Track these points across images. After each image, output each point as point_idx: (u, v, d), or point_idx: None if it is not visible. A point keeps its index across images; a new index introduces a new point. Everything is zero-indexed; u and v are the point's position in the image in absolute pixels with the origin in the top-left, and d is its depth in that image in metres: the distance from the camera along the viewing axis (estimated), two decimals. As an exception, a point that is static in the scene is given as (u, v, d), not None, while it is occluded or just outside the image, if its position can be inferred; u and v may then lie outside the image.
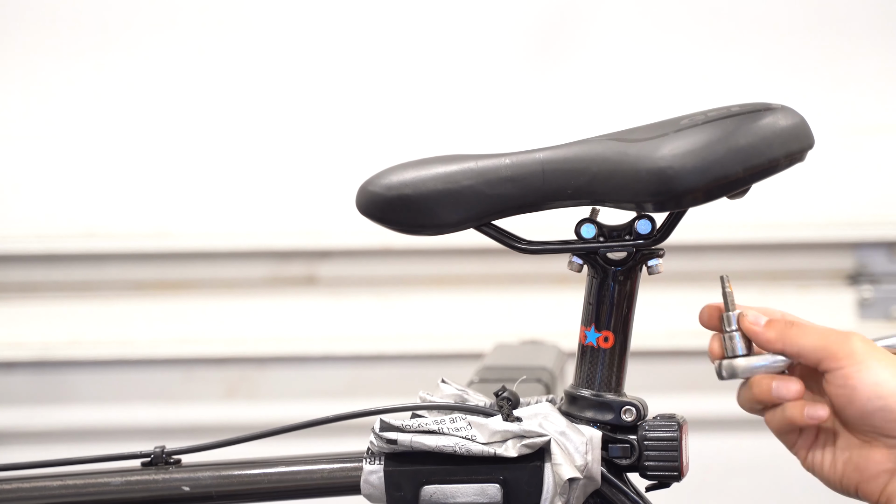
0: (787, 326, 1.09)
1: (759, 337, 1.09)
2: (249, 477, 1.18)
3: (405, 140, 2.36)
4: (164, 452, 1.19)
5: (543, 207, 1.10)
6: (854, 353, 1.06)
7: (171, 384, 2.40)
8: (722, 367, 1.11)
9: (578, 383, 1.14)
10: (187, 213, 2.37)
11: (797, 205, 2.31)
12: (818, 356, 1.07)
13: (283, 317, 2.38)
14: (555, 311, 2.35)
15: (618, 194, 1.07)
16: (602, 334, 1.13)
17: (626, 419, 1.12)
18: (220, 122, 2.38)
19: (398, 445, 1.11)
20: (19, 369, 2.40)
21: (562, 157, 1.08)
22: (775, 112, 1.07)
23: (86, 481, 1.19)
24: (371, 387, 2.39)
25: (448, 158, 1.11)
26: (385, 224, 1.12)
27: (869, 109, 2.34)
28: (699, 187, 1.05)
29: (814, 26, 2.34)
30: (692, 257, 2.31)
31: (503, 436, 1.10)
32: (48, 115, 2.38)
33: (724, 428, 2.30)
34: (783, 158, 1.06)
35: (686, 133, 1.06)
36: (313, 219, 2.36)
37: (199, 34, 2.38)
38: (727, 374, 1.11)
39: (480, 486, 1.11)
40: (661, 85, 2.35)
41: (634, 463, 1.12)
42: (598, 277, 1.12)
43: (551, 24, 2.36)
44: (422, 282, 2.38)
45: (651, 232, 1.10)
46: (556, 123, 2.36)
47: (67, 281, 2.39)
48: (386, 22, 2.37)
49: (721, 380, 1.12)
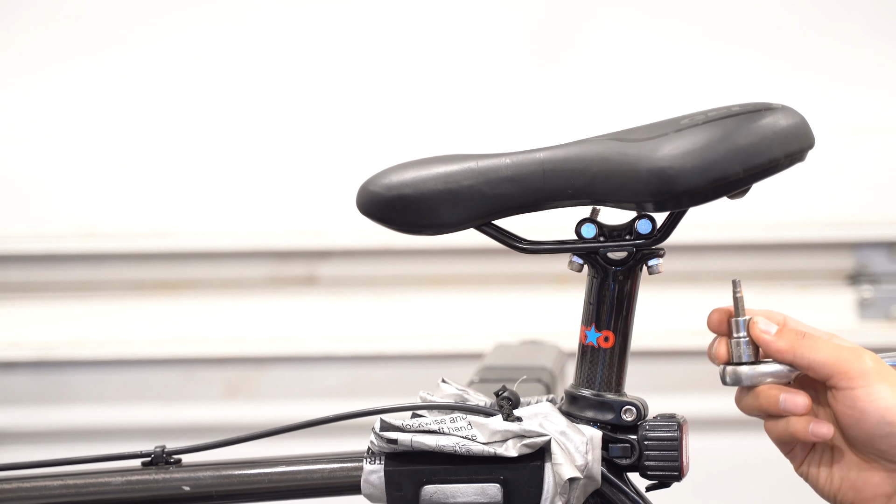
0: (798, 337, 1.08)
1: (769, 346, 1.08)
2: (250, 477, 1.18)
3: (405, 140, 2.36)
4: (164, 452, 1.19)
5: (544, 207, 1.10)
6: (865, 373, 1.05)
7: (171, 384, 2.40)
8: (727, 373, 1.10)
9: (579, 383, 1.14)
10: (187, 213, 2.37)
11: (797, 205, 2.31)
12: (829, 372, 1.06)
13: (283, 317, 2.38)
14: (555, 311, 2.35)
15: (618, 194, 1.07)
16: (602, 334, 1.13)
17: (626, 419, 1.12)
18: (220, 122, 2.38)
19: (398, 445, 1.11)
20: (19, 369, 2.40)
21: (562, 157, 1.08)
22: (776, 112, 1.07)
23: (86, 481, 1.19)
24: (371, 387, 2.39)
25: (448, 158, 1.11)
26: (385, 224, 1.12)
27: (869, 109, 2.34)
28: (699, 187, 1.05)
29: (814, 26, 2.34)
30: (692, 257, 2.31)
31: (503, 435, 1.10)
32: (48, 114, 2.38)
33: (724, 428, 2.30)
34: (783, 158, 1.06)
35: (686, 133, 1.06)
36: (313, 219, 2.36)
37: (199, 34, 2.38)
38: (732, 380, 1.10)
39: (481, 485, 1.10)
40: (662, 84, 2.35)
41: (635, 463, 1.12)
42: (599, 277, 1.12)
43: (551, 23, 2.36)
44: (422, 282, 2.38)
45: (651, 232, 1.10)
46: (557, 123, 2.36)
47: (67, 281, 2.39)
48: (386, 22, 2.37)
49: (724, 385, 1.11)
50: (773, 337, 1.08)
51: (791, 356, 1.08)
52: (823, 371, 1.06)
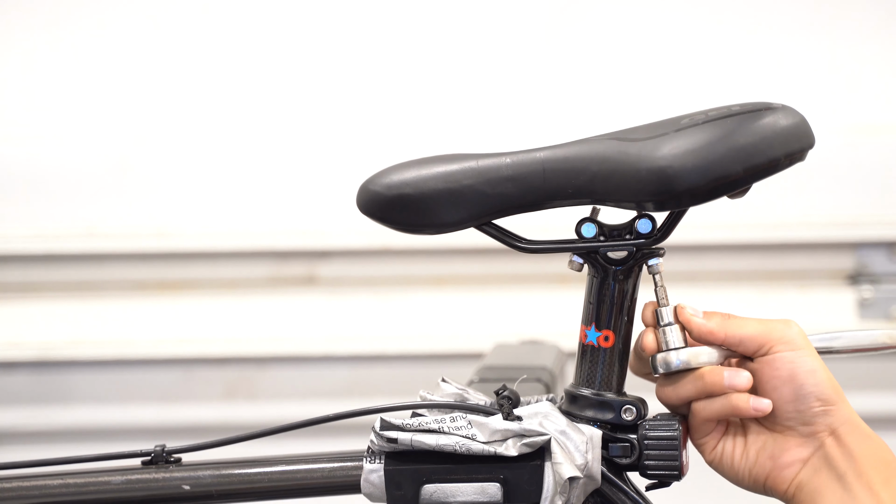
0: (724, 317, 1.11)
1: (701, 328, 1.11)
2: (250, 476, 1.18)
3: (406, 139, 2.36)
4: (164, 451, 1.19)
5: (544, 207, 1.10)
6: (794, 338, 1.09)
7: (171, 384, 2.40)
8: (658, 362, 1.12)
9: (579, 382, 1.14)
10: (187, 213, 2.37)
11: (797, 205, 2.31)
12: (760, 342, 1.10)
13: (283, 317, 2.38)
14: (555, 311, 2.35)
15: (618, 194, 1.07)
16: (602, 333, 1.13)
17: (626, 418, 1.12)
18: (220, 122, 2.38)
19: (398, 444, 1.11)
20: (19, 369, 2.40)
21: (562, 157, 1.08)
22: (776, 111, 1.07)
23: (86, 480, 1.19)
24: (371, 387, 2.39)
25: (448, 158, 1.11)
26: (386, 223, 1.12)
27: (869, 109, 2.34)
28: (699, 187, 1.05)
29: (814, 26, 2.34)
30: (692, 257, 2.31)
31: (503, 435, 1.10)
32: (48, 114, 2.38)
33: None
34: (783, 158, 1.07)
35: (686, 133, 1.06)
36: (313, 219, 2.36)
37: (199, 34, 2.38)
38: (663, 367, 1.12)
39: (481, 484, 1.11)
40: (662, 83, 2.35)
41: (634, 462, 1.12)
42: (599, 277, 1.12)
43: (551, 22, 2.36)
44: (422, 282, 2.38)
45: (651, 231, 1.11)
46: (557, 121, 2.36)
47: (67, 281, 2.39)
48: (386, 22, 2.37)
49: (656, 374, 1.13)
50: (702, 319, 1.11)
51: (722, 335, 1.11)
52: (755, 343, 1.10)
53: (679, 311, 1.12)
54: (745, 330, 1.10)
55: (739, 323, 1.11)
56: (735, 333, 1.10)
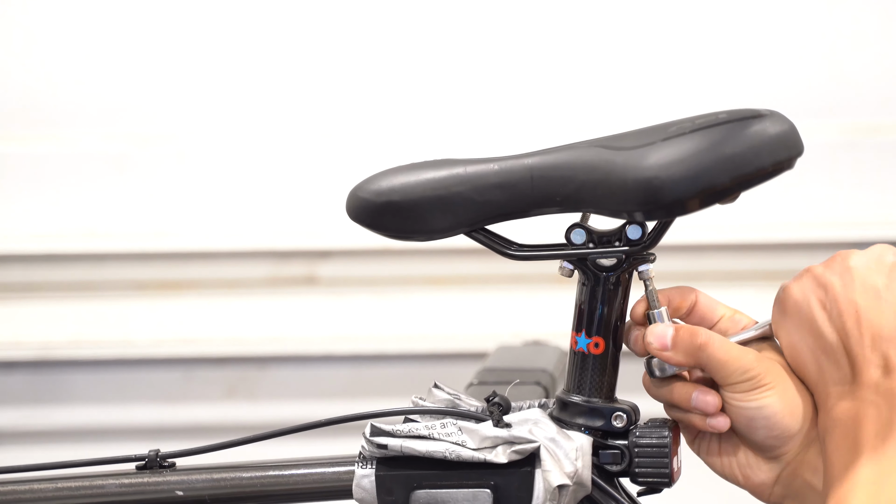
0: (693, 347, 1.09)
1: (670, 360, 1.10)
2: (242, 480, 1.18)
3: (404, 140, 2.36)
4: (157, 456, 1.19)
5: (532, 214, 1.09)
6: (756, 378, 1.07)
7: (171, 384, 2.40)
8: (654, 365, 1.12)
9: (570, 389, 1.14)
10: (187, 213, 2.37)
11: (797, 205, 2.31)
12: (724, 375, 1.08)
13: (283, 317, 2.38)
14: (557, 311, 2.34)
15: (606, 203, 1.07)
16: (593, 340, 1.12)
17: (616, 425, 1.12)
18: (220, 123, 2.38)
19: (389, 450, 1.11)
20: (19, 369, 2.40)
21: (550, 165, 1.08)
22: (763, 119, 1.06)
23: (80, 484, 1.19)
24: (371, 387, 2.39)
25: (437, 163, 1.10)
26: (375, 230, 1.12)
27: (869, 109, 2.34)
28: (687, 197, 1.05)
29: (814, 26, 2.34)
30: (691, 257, 2.30)
31: (493, 441, 1.10)
32: (48, 114, 2.39)
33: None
34: (771, 167, 1.06)
35: (673, 142, 1.05)
36: (313, 219, 2.36)
37: (199, 33, 2.38)
38: (660, 371, 1.11)
39: (472, 490, 1.11)
40: (662, 83, 2.34)
41: (625, 469, 1.12)
42: (589, 283, 1.12)
43: (544, 25, 2.36)
44: (422, 282, 2.38)
45: (641, 237, 1.10)
46: (548, 123, 2.36)
47: (67, 281, 2.39)
48: (386, 22, 2.37)
49: (652, 377, 1.12)
50: (670, 353, 1.10)
51: (694, 363, 1.09)
52: (720, 375, 1.08)
53: (644, 341, 1.11)
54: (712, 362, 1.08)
55: (709, 353, 1.08)
56: (704, 364, 1.09)
